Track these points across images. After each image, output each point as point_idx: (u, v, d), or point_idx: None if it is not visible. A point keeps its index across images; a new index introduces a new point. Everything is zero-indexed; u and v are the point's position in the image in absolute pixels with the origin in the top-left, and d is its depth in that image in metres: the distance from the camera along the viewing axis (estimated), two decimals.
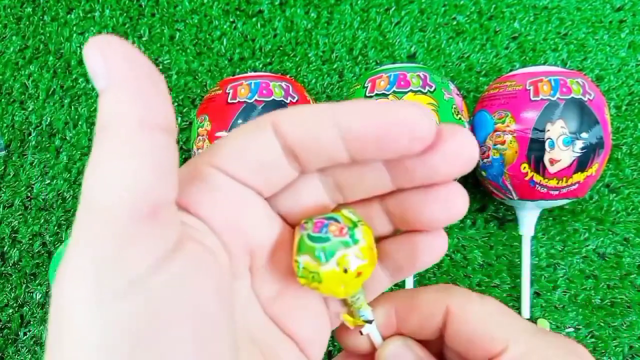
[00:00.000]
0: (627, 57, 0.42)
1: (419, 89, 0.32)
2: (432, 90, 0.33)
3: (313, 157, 0.16)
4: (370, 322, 0.19)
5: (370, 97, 0.33)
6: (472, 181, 0.39)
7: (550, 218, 0.39)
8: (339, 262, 0.16)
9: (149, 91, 0.13)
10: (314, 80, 0.42)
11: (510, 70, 0.38)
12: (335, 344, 0.38)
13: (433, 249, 0.18)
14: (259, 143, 0.16)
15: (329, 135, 0.15)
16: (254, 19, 0.44)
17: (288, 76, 0.42)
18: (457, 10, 0.43)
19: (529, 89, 0.33)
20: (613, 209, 0.40)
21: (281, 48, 0.43)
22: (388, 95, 0.32)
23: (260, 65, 0.43)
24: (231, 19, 0.44)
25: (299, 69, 0.43)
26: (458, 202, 0.16)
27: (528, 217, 0.36)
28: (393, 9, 0.43)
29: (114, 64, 0.13)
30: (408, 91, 0.32)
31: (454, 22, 0.43)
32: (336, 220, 0.17)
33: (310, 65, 0.43)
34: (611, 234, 0.39)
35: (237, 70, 0.43)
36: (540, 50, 0.43)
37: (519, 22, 0.43)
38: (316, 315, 0.19)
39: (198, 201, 0.16)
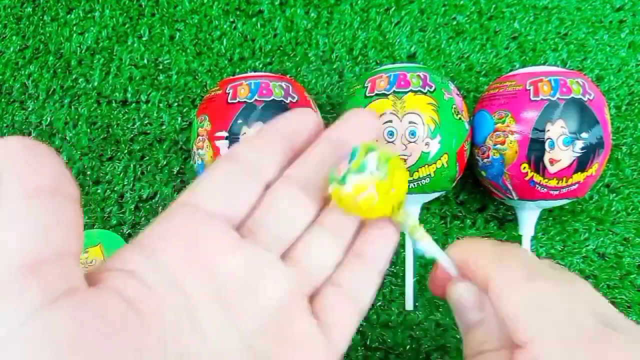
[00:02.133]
0: (627, 57, 0.42)
1: (419, 89, 0.32)
2: (432, 90, 0.33)
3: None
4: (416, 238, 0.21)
5: (370, 97, 0.33)
6: (472, 181, 0.39)
7: (550, 218, 0.39)
8: (354, 188, 0.19)
9: (32, 158, 0.14)
10: (314, 80, 0.42)
11: (510, 70, 0.38)
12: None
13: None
14: (220, 173, 0.20)
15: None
16: (254, 19, 0.44)
17: (288, 76, 0.42)
18: (457, 10, 0.43)
19: (529, 89, 0.33)
20: (613, 209, 0.40)
21: (281, 48, 0.43)
22: (388, 95, 0.32)
23: (260, 65, 0.43)
24: (231, 19, 0.44)
25: (299, 69, 0.43)
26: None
27: (528, 217, 0.36)
28: (393, 9, 0.43)
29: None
30: (408, 91, 0.32)
31: (454, 22, 0.43)
32: (354, 156, 0.20)
33: (310, 65, 0.43)
34: (611, 234, 0.39)
35: (237, 70, 0.43)
36: (540, 50, 0.43)
37: (519, 22, 0.43)
38: (305, 349, 0.19)
39: (153, 243, 0.17)
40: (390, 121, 0.32)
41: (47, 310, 0.13)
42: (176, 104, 0.42)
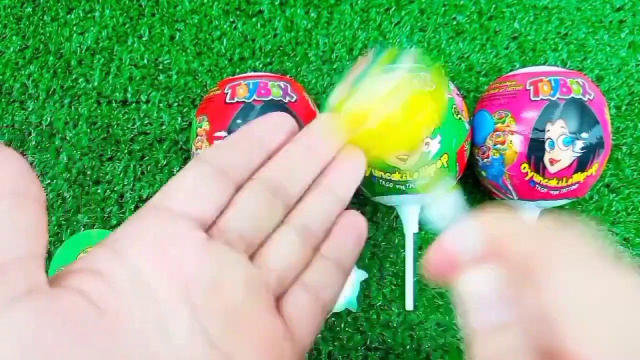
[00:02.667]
0: (627, 57, 0.42)
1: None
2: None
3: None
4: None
5: None
6: (472, 181, 0.39)
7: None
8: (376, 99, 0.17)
9: None
10: (314, 80, 0.42)
11: (510, 70, 0.38)
12: (336, 343, 0.38)
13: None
14: (190, 175, 0.20)
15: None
16: (254, 19, 0.44)
17: (288, 76, 0.42)
18: (457, 10, 0.43)
19: (529, 89, 0.33)
20: (613, 209, 0.40)
21: (281, 48, 0.43)
22: None
23: (260, 65, 0.43)
24: (231, 19, 0.44)
25: (299, 69, 0.43)
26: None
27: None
28: (393, 9, 0.43)
29: None
30: None
31: (454, 22, 0.43)
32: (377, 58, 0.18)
33: (310, 65, 0.43)
34: (611, 234, 0.39)
35: (237, 70, 0.43)
36: (540, 50, 0.43)
37: (519, 22, 0.43)
38: (270, 348, 0.19)
39: (123, 244, 0.18)
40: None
41: (6, 311, 0.13)
42: (176, 104, 0.42)
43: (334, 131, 0.22)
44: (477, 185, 0.39)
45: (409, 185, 0.33)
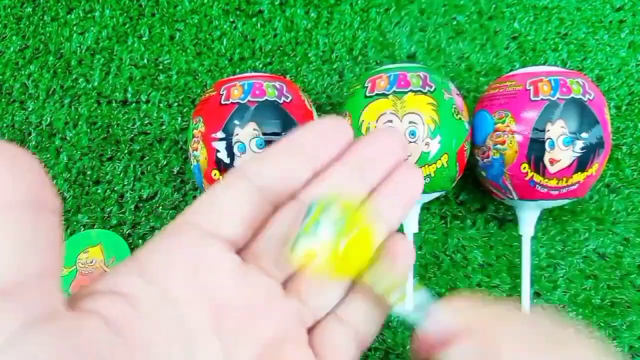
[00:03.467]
0: (627, 57, 0.42)
1: (419, 89, 0.32)
2: (432, 90, 0.33)
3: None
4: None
5: (371, 97, 0.33)
6: (472, 181, 0.39)
7: (550, 218, 0.39)
8: (305, 254, 0.17)
9: (8, 167, 0.13)
10: (314, 80, 0.42)
11: (510, 70, 0.38)
12: None
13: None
14: (227, 192, 0.18)
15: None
16: (254, 19, 0.44)
17: (288, 76, 0.42)
18: (457, 10, 0.43)
19: (529, 89, 0.33)
20: (613, 209, 0.40)
21: (281, 48, 0.43)
22: (388, 95, 0.32)
23: (261, 65, 0.43)
24: (231, 19, 0.44)
25: (299, 69, 0.43)
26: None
27: (528, 217, 0.36)
28: (393, 9, 0.43)
29: None
30: (408, 91, 0.32)
31: (454, 22, 0.43)
32: (309, 214, 0.18)
33: (310, 65, 0.43)
34: (611, 234, 0.39)
35: (237, 70, 0.43)
36: (540, 50, 0.43)
37: (519, 22, 0.43)
38: None
39: (153, 265, 0.16)
40: (391, 121, 0.32)
41: (24, 338, 0.12)
42: (176, 104, 0.42)
43: (389, 147, 0.21)
44: (477, 185, 0.39)
45: None
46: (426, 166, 0.32)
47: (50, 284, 0.13)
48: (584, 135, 0.32)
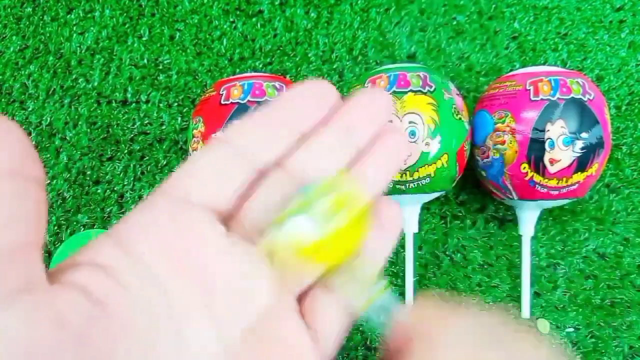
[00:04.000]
0: (627, 57, 0.42)
1: (419, 88, 0.32)
2: (432, 90, 0.33)
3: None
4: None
5: None
6: (472, 181, 0.39)
7: (550, 218, 0.39)
8: (288, 240, 0.17)
9: None
10: None
11: (510, 70, 0.38)
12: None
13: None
14: (207, 158, 0.17)
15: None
16: (254, 19, 0.44)
17: (288, 76, 0.42)
18: (457, 10, 0.43)
19: (529, 89, 0.33)
20: (613, 209, 0.40)
21: (281, 48, 0.43)
22: None
23: (260, 65, 0.43)
24: (231, 19, 0.44)
25: (299, 69, 0.43)
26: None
27: (528, 217, 0.36)
28: (393, 9, 0.43)
29: None
30: (408, 91, 0.32)
31: (454, 22, 0.43)
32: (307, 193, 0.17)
33: (310, 65, 0.43)
34: (611, 234, 0.39)
35: (237, 70, 0.43)
36: (540, 50, 0.43)
37: (519, 22, 0.43)
38: (297, 355, 0.17)
39: (131, 235, 0.15)
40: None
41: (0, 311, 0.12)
42: (176, 104, 0.42)
43: (381, 107, 0.20)
44: (477, 185, 0.39)
45: (408, 185, 0.33)
46: (426, 166, 0.32)
47: (32, 256, 0.13)
48: (584, 135, 0.32)
